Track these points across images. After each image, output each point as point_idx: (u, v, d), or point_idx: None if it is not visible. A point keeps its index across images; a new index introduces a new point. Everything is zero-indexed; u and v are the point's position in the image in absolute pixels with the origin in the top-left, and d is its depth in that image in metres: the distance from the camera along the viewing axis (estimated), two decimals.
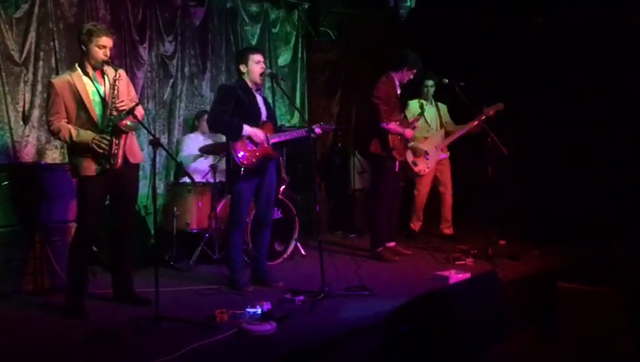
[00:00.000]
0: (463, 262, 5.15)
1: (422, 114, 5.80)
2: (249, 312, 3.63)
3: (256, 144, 4.36)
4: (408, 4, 7.19)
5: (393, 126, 5.22)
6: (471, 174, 6.18)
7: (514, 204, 6.45)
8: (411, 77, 5.34)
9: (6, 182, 4.27)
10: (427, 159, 6.02)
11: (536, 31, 6.56)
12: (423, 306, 3.03)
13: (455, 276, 4.43)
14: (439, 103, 6.28)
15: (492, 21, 6.83)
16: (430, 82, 6.13)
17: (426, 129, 6.08)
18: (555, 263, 5.23)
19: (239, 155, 4.30)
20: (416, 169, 6.01)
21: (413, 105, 6.06)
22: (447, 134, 6.19)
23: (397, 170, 5.31)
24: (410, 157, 5.97)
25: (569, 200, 6.22)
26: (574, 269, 5.11)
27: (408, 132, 5.33)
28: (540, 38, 6.56)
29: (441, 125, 6.22)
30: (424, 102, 6.14)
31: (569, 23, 6.37)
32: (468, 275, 4.41)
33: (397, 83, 5.33)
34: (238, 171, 4.33)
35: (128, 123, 3.76)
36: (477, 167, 6.04)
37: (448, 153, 6.25)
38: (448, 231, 6.33)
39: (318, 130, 4.55)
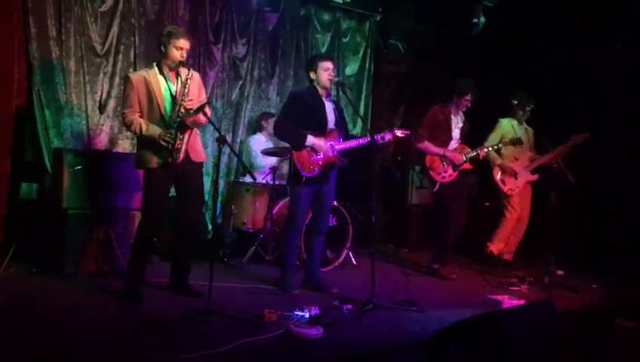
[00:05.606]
0: (518, 289, 5.02)
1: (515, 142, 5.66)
2: (297, 315, 3.67)
3: (318, 153, 4.39)
4: (480, 20, 7.13)
5: (426, 145, 5.28)
6: (533, 199, 6.01)
7: (576, 234, 6.23)
8: (468, 104, 5.32)
9: (79, 167, 4.49)
10: (516, 179, 5.86)
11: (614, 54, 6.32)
12: (474, 328, 2.97)
13: (509, 301, 4.32)
14: (528, 127, 6.03)
15: (568, 42, 6.64)
16: (530, 107, 5.89)
17: (518, 149, 5.88)
18: (615, 299, 5.02)
19: (301, 165, 4.36)
20: (504, 188, 5.86)
21: (506, 124, 5.90)
22: (531, 158, 5.96)
23: (435, 189, 5.31)
24: (498, 175, 5.88)
25: (635, 234, 5.96)
26: (635, 307, 4.88)
27: (455, 156, 5.30)
28: (618, 61, 6.31)
29: (530, 147, 6.01)
30: (516, 123, 5.94)
31: None
32: (522, 302, 4.30)
33: (452, 111, 5.34)
34: (300, 177, 4.39)
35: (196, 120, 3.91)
36: (540, 193, 5.90)
37: (537, 176, 5.96)
38: (508, 256, 6.06)
39: (389, 136, 4.50)
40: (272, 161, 5.69)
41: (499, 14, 7.02)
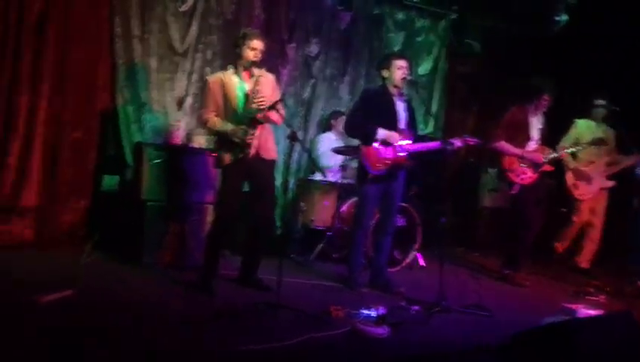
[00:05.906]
0: (595, 298, 4.80)
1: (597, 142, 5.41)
2: (364, 313, 3.66)
3: (388, 145, 4.34)
4: (562, 18, 6.85)
5: (502, 145, 5.08)
6: (612, 205, 5.73)
7: None
8: (547, 104, 5.11)
9: (159, 160, 4.67)
10: (589, 184, 5.64)
11: None
12: (548, 335, 2.87)
13: (585, 311, 4.13)
14: (608, 128, 5.69)
15: None
16: (613, 108, 5.59)
17: (593, 153, 5.60)
18: None
19: (368, 162, 4.36)
20: (575, 193, 5.65)
21: (582, 125, 5.66)
22: (610, 162, 5.69)
23: (513, 192, 5.09)
24: (571, 179, 5.67)
25: None
26: None
27: (535, 156, 5.08)
28: None
29: (609, 151, 5.70)
30: (593, 124, 5.67)
31: None
32: (600, 312, 4.10)
33: (531, 112, 5.14)
34: (366, 174, 4.38)
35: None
36: (619, 198, 5.62)
37: (614, 183, 5.68)
38: (585, 264, 5.79)
39: (458, 143, 4.45)
40: (340, 159, 5.72)
41: (582, 12, 6.72)
